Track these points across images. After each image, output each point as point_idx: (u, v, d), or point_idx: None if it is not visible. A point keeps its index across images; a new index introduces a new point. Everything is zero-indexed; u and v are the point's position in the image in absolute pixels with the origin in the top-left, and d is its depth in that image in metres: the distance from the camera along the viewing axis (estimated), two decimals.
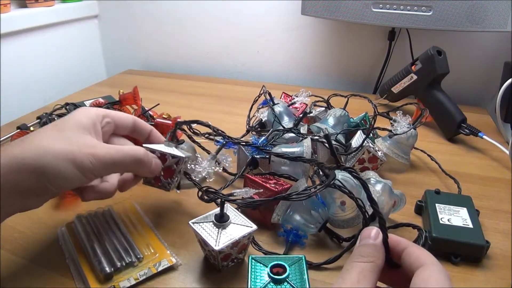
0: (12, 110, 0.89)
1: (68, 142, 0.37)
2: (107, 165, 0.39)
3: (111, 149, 0.40)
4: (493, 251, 0.46)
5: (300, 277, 0.38)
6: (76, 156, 0.37)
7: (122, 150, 0.41)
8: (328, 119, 0.65)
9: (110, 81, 1.14)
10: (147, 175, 0.46)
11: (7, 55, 0.95)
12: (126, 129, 0.47)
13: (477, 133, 0.71)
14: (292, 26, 1.07)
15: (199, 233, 0.41)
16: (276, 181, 0.51)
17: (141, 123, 0.48)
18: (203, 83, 1.09)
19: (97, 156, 0.38)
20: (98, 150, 0.38)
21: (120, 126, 0.46)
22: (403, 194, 0.51)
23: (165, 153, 0.47)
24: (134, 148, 0.42)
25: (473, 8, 0.75)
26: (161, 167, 0.47)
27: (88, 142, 0.39)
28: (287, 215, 0.46)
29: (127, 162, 0.41)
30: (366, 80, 1.07)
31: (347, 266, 0.29)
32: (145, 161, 0.43)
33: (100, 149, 0.39)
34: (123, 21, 1.24)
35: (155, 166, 0.45)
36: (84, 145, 0.38)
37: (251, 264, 0.40)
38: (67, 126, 0.39)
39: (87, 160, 0.37)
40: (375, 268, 0.28)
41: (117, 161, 0.40)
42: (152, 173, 0.45)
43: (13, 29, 0.95)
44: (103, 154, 0.38)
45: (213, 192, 0.45)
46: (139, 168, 0.43)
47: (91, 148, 0.38)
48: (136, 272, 0.42)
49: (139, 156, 0.42)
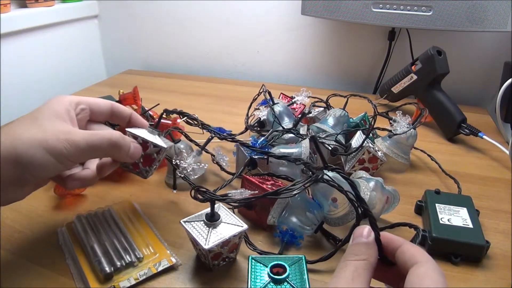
0: (12, 110, 0.89)
1: (42, 130, 0.37)
2: (82, 150, 0.39)
3: (85, 134, 0.39)
4: (493, 251, 0.46)
5: (300, 277, 0.38)
6: (50, 143, 0.37)
7: (97, 134, 0.40)
8: (328, 119, 0.65)
9: (110, 81, 1.14)
10: (126, 160, 0.44)
11: (7, 55, 0.95)
12: (103, 114, 0.46)
13: (477, 133, 0.71)
14: (292, 26, 1.07)
15: (190, 232, 0.41)
16: (274, 182, 0.51)
17: (119, 107, 0.47)
18: (203, 83, 1.09)
19: (71, 142, 0.38)
20: (72, 136, 0.38)
21: (97, 112, 0.45)
22: (396, 191, 0.51)
23: (147, 140, 0.46)
24: (110, 132, 0.42)
25: (473, 8, 0.75)
26: (140, 153, 0.45)
27: (62, 128, 0.39)
28: (283, 216, 0.46)
29: (103, 146, 0.40)
30: (366, 80, 1.07)
31: (340, 265, 0.29)
32: (121, 145, 0.42)
33: (74, 135, 0.38)
34: (123, 21, 1.24)
35: (134, 150, 0.44)
36: (58, 131, 0.38)
37: (251, 264, 0.40)
38: (41, 114, 0.39)
39: (62, 146, 0.37)
40: (369, 266, 0.28)
41: (93, 145, 0.39)
42: (131, 158, 0.44)
43: (13, 29, 0.95)
44: (77, 139, 0.38)
45: (204, 191, 0.45)
46: (116, 152, 0.42)
47: (65, 134, 0.38)
48: (136, 272, 0.42)
49: (115, 140, 0.41)
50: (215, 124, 0.81)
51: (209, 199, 0.42)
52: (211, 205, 0.42)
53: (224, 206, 0.45)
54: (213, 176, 0.62)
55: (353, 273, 0.28)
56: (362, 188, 0.46)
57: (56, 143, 0.37)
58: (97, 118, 0.46)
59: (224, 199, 0.43)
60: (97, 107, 0.45)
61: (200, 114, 0.87)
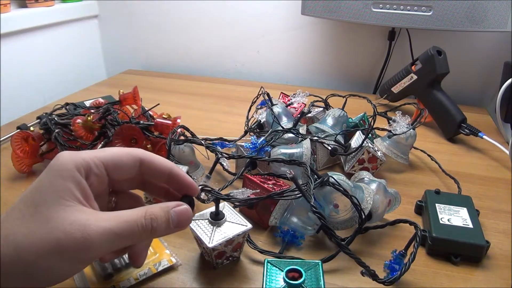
0: (12, 110, 0.89)
1: (48, 227, 0.28)
2: (108, 245, 0.30)
3: (108, 222, 0.30)
4: (493, 251, 0.46)
5: (316, 283, 0.37)
6: (64, 245, 0.28)
7: (124, 217, 0.31)
8: (327, 119, 0.65)
9: (110, 81, 1.14)
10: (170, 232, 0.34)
11: (7, 55, 0.95)
12: (127, 172, 0.35)
13: (477, 133, 0.71)
14: (292, 26, 1.07)
15: (194, 230, 0.41)
16: (275, 181, 0.51)
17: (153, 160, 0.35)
18: (203, 83, 1.09)
19: (91, 239, 0.29)
20: (90, 230, 0.29)
21: (119, 171, 0.34)
22: (398, 193, 0.51)
23: None
24: (141, 210, 0.32)
25: (473, 8, 0.75)
26: (190, 217, 0.35)
27: (75, 219, 0.29)
28: (284, 217, 0.46)
29: (136, 233, 0.31)
30: (366, 80, 1.07)
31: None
32: (161, 221, 0.32)
33: (93, 227, 0.29)
34: (123, 21, 1.24)
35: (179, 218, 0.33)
36: (70, 226, 0.28)
37: (266, 267, 0.39)
38: (42, 199, 0.29)
39: (79, 246, 0.28)
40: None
41: (121, 235, 0.30)
42: (177, 229, 0.34)
43: (13, 29, 0.95)
44: (99, 233, 0.29)
45: (208, 191, 0.45)
46: (154, 234, 0.32)
47: (81, 228, 0.28)
48: (136, 272, 0.42)
49: (150, 217, 0.32)
50: (214, 124, 0.81)
51: (214, 198, 0.42)
52: (216, 204, 0.42)
53: (229, 205, 0.45)
54: (215, 176, 0.62)
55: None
56: (365, 196, 0.46)
57: (72, 244, 0.28)
58: (121, 177, 0.35)
59: (229, 199, 0.43)
60: (116, 165, 0.34)
61: (200, 114, 0.88)
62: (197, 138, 0.57)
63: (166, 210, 0.33)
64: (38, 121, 0.73)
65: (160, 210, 0.32)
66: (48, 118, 0.64)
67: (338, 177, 0.45)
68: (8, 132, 0.73)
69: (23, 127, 0.67)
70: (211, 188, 0.44)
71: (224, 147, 0.61)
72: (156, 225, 0.32)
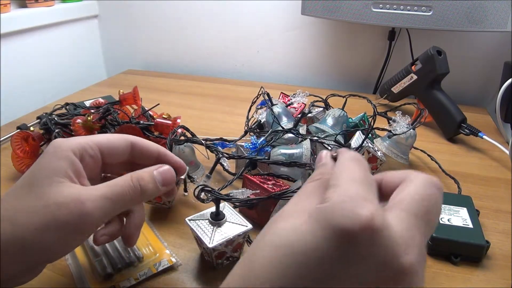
0: (12, 110, 0.89)
1: (43, 203, 0.29)
2: (104, 212, 0.31)
3: (101, 191, 0.31)
4: (493, 251, 0.46)
5: None
6: (61, 219, 0.29)
7: (114, 184, 0.32)
8: (327, 119, 0.65)
9: (110, 81, 1.14)
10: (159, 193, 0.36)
11: (7, 55, 0.95)
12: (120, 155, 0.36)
13: (477, 133, 0.71)
14: (292, 26, 1.07)
15: (194, 230, 0.41)
16: (275, 182, 0.51)
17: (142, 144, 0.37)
18: (203, 83, 1.09)
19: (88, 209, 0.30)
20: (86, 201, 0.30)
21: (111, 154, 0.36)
22: None
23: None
24: (128, 175, 0.33)
25: (473, 8, 0.75)
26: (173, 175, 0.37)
27: (69, 194, 0.30)
28: None
29: (127, 196, 0.32)
30: (366, 80, 1.07)
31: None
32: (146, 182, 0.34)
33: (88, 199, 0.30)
34: (123, 21, 1.24)
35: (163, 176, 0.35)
36: (65, 201, 0.29)
37: None
38: (37, 178, 0.31)
39: (76, 219, 0.29)
40: (324, 183, 0.27)
41: (116, 200, 0.31)
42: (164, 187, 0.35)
43: (13, 29, 0.95)
44: (94, 203, 0.30)
45: (209, 191, 0.45)
46: (145, 195, 0.34)
47: (76, 202, 0.30)
48: (136, 272, 0.42)
49: (136, 179, 0.33)
50: (215, 125, 0.81)
51: (215, 198, 0.42)
52: (216, 205, 0.42)
53: (229, 205, 0.45)
54: (215, 176, 0.62)
55: (307, 192, 0.27)
56: None
57: (68, 218, 0.29)
58: (114, 161, 0.36)
59: (229, 199, 0.43)
60: (110, 148, 0.35)
61: (200, 114, 0.88)
62: (197, 138, 0.57)
63: (149, 171, 0.34)
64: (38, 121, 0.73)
65: (143, 172, 0.34)
66: (48, 118, 0.64)
67: None
68: (8, 132, 0.73)
69: (23, 127, 0.67)
70: (211, 188, 0.44)
71: (225, 147, 0.61)
72: (144, 184, 0.33)
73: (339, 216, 0.21)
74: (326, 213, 0.21)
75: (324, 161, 0.29)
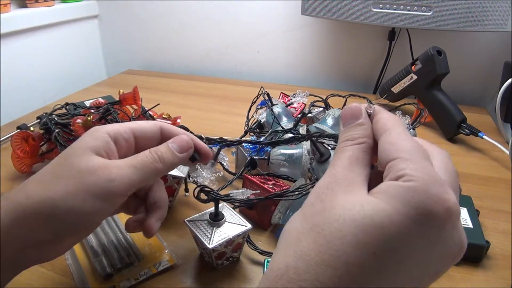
0: (12, 110, 0.89)
1: (75, 171, 0.31)
2: (130, 178, 0.32)
3: (127, 161, 0.33)
4: (493, 251, 0.46)
5: None
6: (89, 183, 0.30)
7: (138, 155, 0.34)
8: (327, 119, 0.65)
9: (110, 81, 1.14)
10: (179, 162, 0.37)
11: (7, 55, 0.95)
12: (151, 139, 0.38)
13: (477, 133, 0.71)
14: (292, 26, 1.07)
15: (194, 231, 0.41)
16: (275, 182, 0.51)
17: (170, 129, 0.39)
18: (203, 83, 1.09)
19: (115, 173, 0.31)
20: (113, 167, 0.32)
21: (143, 138, 0.38)
22: None
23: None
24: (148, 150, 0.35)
25: (473, 8, 0.75)
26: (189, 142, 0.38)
27: (98, 162, 0.32)
28: (287, 215, 0.46)
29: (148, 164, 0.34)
30: (366, 80, 1.07)
31: (336, 154, 0.26)
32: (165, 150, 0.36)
33: (115, 165, 0.32)
34: (123, 21, 1.24)
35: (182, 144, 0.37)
36: (95, 167, 0.31)
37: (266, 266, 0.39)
38: (72, 151, 0.33)
39: (105, 183, 0.31)
40: (367, 149, 0.26)
41: (141, 168, 0.33)
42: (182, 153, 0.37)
43: (13, 29, 0.95)
44: (122, 168, 0.32)
45: (208, 191, 0.45)
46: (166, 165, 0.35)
47: (105, 168, 0.32)
48: (136, 272, 0.42)
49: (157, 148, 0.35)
50: (215, 125, 0.81)
51: (213, 199, 0.42)
52: (216, 205, 0.42)
53: (228, 205, 0.45)
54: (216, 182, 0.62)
55: (351, 158, 0.25)
56: None
57: (97, 183, 0.30)
58: (146, 144, 0.38)
59: (229, 199, 0.43)
60: (142, 133, 0.37)
61: (200, 114, 0.88)
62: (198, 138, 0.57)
63: (165, 144, 0.36)
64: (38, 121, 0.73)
65: (160, 146, 0.36)
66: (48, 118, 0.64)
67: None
68: (8, 132, 0.73)
69: (23, 127, 0.67)
70: (210, 189, 0.44)
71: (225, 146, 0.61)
72: (161, 154, 0.35)
73: (427, 199, 0.21)
74: (414, 194, 0.21)
75: (363, 120, 0.27)
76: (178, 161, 0.36)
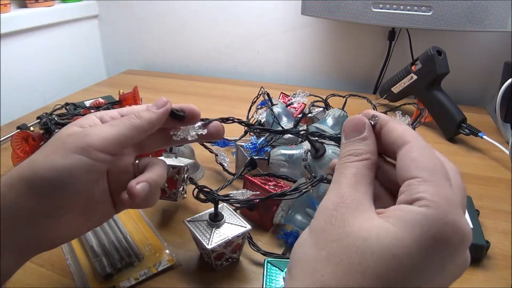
0: (12, 110, 0.89)
1: (60, 141, 0.32)
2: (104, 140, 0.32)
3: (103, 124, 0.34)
4: (493, 251, 0.46)
5: None
6: (70, 141, 0.31)
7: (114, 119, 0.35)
8: (327, 119, 0.65)
9: (110, 81, 1.14)
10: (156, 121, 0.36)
11: (7, 55, 0.95)
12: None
13: (477, 133, 0.71)
14: (292, 26, 1.07)
15: (193, 231, 0.41)
16: (276, 182, 0.51)
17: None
18: (203, 83, 1.09)
19: (93, 129, 0.32)
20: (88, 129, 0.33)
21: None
22: None
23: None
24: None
25: (473, 8, 0.75)
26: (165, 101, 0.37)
27: (79, 129, 0.33)
28: (289, 215, 0.46)
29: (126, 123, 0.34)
30: (366, 80, 1.07)
31: (339, 169, 0.25)
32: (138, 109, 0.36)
33: (90, 129, 0.33)
34: (123, 21, 1.24)
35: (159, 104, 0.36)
36: (74, 133, 0.32)
37: (266, 267, 0.40)
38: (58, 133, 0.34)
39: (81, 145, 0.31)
40: (372, 166, 0.25)
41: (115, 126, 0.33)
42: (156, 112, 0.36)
43: (13, 29, 0.95)
44: (99, 126, 0.33)
45: (207, 191, 0.45)
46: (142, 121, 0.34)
47: (82, 131, 0.32)
48: (136, 272, 0.42)
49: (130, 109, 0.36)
50: None
51: (212, 199, 0.42)
52: (215, 206, 0.42)
53: (228, 206, 0.45)
54: (215, 176, 0.62)
55: (356, 176, 0.24)
56: None
57: (74, 139, 0.31)
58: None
59: (228, 200, 0.43)
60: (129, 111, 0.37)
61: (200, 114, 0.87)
62: None
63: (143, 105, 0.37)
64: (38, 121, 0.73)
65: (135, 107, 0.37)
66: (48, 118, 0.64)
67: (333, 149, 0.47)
68: (8, 132, 0.73)
69: (23, 127, 0.67)
70: (209, 189, 0.44)
71: (226, 145, 0.61)
72: (137, 110, 0.35)
73: (444, 226, 0.21)
74: (432, 223, 0.21)
75: (367, 134, 0.26)
76: (156, 116, 0.35)
